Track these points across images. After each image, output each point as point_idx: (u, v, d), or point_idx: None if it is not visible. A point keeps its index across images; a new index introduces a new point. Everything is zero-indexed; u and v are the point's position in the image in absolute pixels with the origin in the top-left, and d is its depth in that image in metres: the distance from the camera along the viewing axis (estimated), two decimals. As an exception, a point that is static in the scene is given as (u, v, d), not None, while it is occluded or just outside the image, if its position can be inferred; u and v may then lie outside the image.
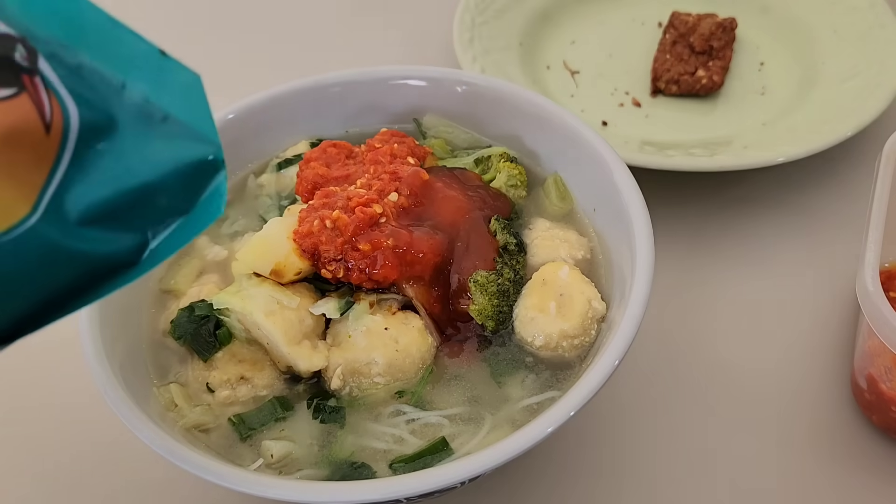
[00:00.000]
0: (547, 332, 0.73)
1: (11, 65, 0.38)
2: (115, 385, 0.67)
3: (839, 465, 0.83)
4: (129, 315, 0.77)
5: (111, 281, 0.43)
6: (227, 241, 0.86)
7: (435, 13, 1.41)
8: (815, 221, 1.07)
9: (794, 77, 1.23)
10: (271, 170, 0.91)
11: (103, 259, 0.42)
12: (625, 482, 0.83)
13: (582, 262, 0.80)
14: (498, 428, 0.70)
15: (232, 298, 0.71)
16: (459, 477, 0.60)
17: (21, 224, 0.37)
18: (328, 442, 0.70)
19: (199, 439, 0.70)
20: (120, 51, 0.44)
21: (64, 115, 0.40)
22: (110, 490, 0.84)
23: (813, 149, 1.03)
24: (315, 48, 1.39)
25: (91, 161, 0.41)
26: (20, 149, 0.37)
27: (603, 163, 0.80)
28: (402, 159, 0.82)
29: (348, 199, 0.74)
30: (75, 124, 0.40)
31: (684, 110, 1.21)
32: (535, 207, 0.87)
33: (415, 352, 0.72)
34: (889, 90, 1.10)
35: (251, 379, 0.72)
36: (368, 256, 0.71)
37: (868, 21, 1.23)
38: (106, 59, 0.43)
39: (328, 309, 0.73)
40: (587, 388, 0.63)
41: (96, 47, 0.43)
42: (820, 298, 0.97)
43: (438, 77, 0.92)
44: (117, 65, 0.44)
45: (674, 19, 1.28)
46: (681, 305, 0.98)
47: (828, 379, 0.90)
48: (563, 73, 1.28)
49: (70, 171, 0.40)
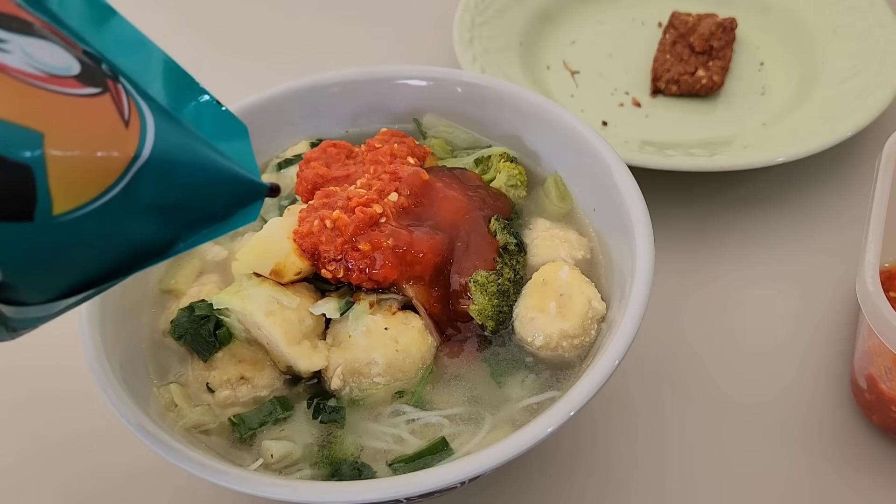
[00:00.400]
0: (547, 332, 0.73)
1: (99, 70, 0.46)
2: (115, 385, 0.67)
3: (839, 465, 0.83)
4: (129, 315, 0.77)
5: (137, 267, 0.48)
6: (227, 241, 0.86)
7: (435, 13, 1.41)
8: (815, 221, 1.07)
9: (794, 77, 1.23)
10: (271, 170, 0.91)
11: (145, 246, 0.48)
12: (625, 482, 0.83)
13: (582, 262, 0.80)
14: (498, 428, 0.70)
15: (232, 298, 0.71)
16: (459, 477, 0.60)
17: (103, 196, 0.42)
18: (328, 442, 0.70)
19: (199, 439, 0.70)
20: (180, 87, 0.53)
21: (141, 118, 0.46)
22: (110, 490, 0.84)
23: (813, 149, 1.03)
24: (315, 48, 1.39)
25: (163, 162, 0.46)
26: (104, 135, 0.43)
27: (603, 163, 0.80)
28: (402, 159, 0.82)
29: (348, 199, 0.74)
30: (152, 127, 0.46)
31: (684, 110, 1.21)
32: (535, 207, 0.87)
33: (415, 352, 0.72)
34: (889, 90, 1.10)
35: (251, 379, 0.72)
36: (368, 256, 0.71)
37: (868, 21, 1.23)
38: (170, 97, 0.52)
39: (328, 309, 0.73)
40: (587, 388, 0.63)
41: (162, 87, 0.52)
42: (820, 298, 0.97)
43: (438, 77, 0.92)
44: (178, 105, 0.52)
45: (674, 19, 1.28)
46: (681, 305, 0.98)
47: (828, 379, 0.90)
48: (563, 73, 1.28)
49: (146, 166, 0.45)
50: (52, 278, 0.43)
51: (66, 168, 0.40)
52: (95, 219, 0.42)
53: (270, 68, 1.35)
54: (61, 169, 0.40)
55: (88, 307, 0.70)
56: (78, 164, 0.41)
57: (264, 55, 1.39)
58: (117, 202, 0.43)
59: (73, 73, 0.43)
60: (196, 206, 0.50)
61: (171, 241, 0.49)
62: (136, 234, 0.46)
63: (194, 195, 0.49)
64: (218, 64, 1.37)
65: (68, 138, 0.40)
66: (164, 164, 0.46)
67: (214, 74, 1.35)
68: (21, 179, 0.38)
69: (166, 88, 0.51)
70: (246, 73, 1.33)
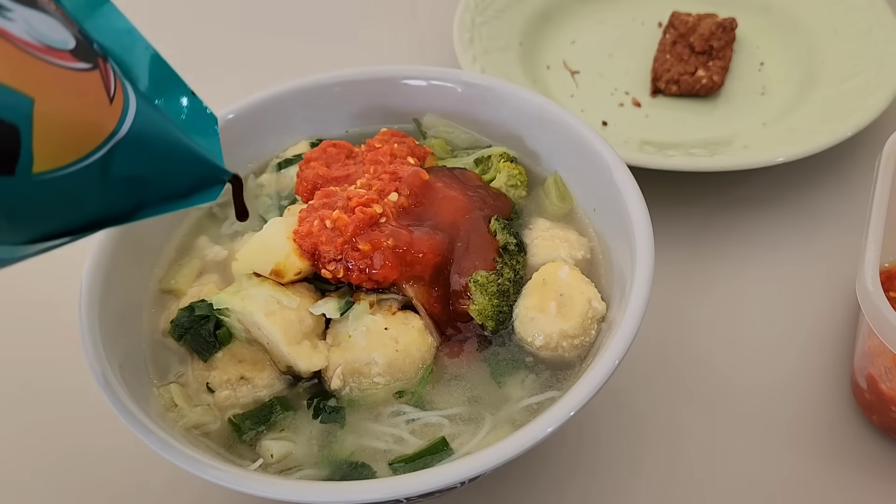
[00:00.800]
0: (547, 332, 0.73)
1: (91, 48, 0.50)
2: (115, 385, 0.67)
3: (839, 465, 0.83)
4: (129, 315, 0.77)
5: (101, 226, 0.53)
6: (227, 241, 0.86)
7: (435, 13, 1.41)
8: (815, 221, 1.07)
9: (794, 77, 1.23)
10: (271, 170, 0.91)
11: (111, 209, 0.52)
12: (625, 482, 0.83)
13: (582, 262, 0.80)
14: (498, 428, 0.70)
15: (232, 298, 0.71)
16: (459, 477, 0.60)
17: (79, 162, 0.46)
18: (328, 442, 0.70)
19: (199, 439, 0.70)
20: (161, 76, 0.58)
21: (125, 97, 0.50)
22: (110, 490, 0.84)
23: (813, 149, 1.03)
24: (315, 48, 1.39)
25: (139, 140, 0.50)
26: (89, 107, 0.47)
27: (603, 163, 0.80)
28: (402, 159, 0.82)
29: (348, 199, 0.74)
30: (133, 107, 0.50)
31: (684, 110, 1.21)
32: (535, 207, 0.87)
33: (415, 352, 0.72)
34: (889, 90, 1.10)
35: (251, 379, 0.72)
36: (368, 256, 0.71)
37: (868, 21, 1.23)
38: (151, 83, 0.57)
39: (328, 309, 0.73)
40: (587, 388, 0.63)
41: (145, 73, 0.58)
42: (820, 298, 0.97)
43: (438, 77, 0.92)
44: (157, 90, 0.57)
45: (674, 19, 1.28)
46: (681, 305, 0.98)
47: (828, 379, 0.90)
48: (563, 73, 1.28)
49: (124, 141, 0.49)
50: (22, 227, 0.47)
51: (50, 133, 0.44)
52: (70, 181, 0.46)
53: (271, 68, 1.35)
54: (45, 133, 0.43)
55: (88, 307, 0.70)
56: (61, 131, 0.45)
57: (264, 55, 1.39)
58: (93, 169, 0.48)
59: (68, 47, 0.47)
60: (163, 182, 0.54)
61: (136, 209, 0.54)
62: (105, 199, 0.50)
63: (163, 172, 0.53)
64: (218, 64, 1.37)
65: (56, 106, 0.44)
66: (139, 142, 0.50)
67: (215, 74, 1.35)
68: (7, 137, 0.41)
69: (149, 75, 0.57)
70: (246, 73, 1.33)
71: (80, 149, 0.47)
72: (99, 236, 0.76)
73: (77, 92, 0.46)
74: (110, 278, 0.75)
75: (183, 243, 0.86)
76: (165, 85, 0.58)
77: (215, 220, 0.88)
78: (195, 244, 0.86)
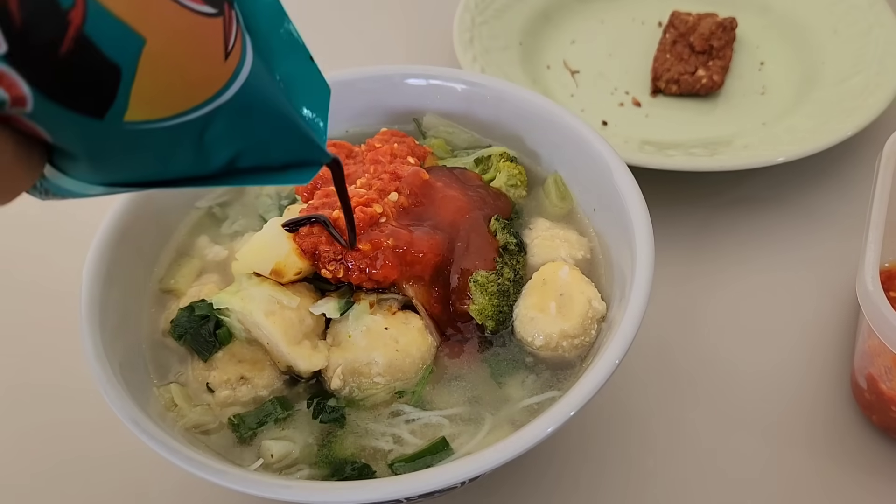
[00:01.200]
0: (547, 331, 0.73)
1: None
2: (115, 385, 0.66)
3: (839, 465, 0.83)
4: (129, 315, 0.77)
5: (181, 185, 0.48)
6: (227, 241, 0.86)
7: (435, 13, 1.41)
8: (815, 221, 1.07)
9: (794, 77, 1.23)
10: (271, 170, 0.91)
11: (196, 170, 0.47)
12: (625, 482, 0.83)
13: (582, 262, 0.80)
14: (498, 428, 0.70)
15: (232, 298, 0.71)
16: (459, 477, 0.60)
17: (175, 118, 0.42)
18: (328, 442, 0.70)
19: (199, 439, 0.70)
20: (280, 33, 0.51)
21: (242, 53, 0.45)
22: (110, 490, 0.84)
23: (813, 149, 1.03)
24: (315, 48, 1.38)
25: (244, 106, 0.46)
26: (201, 62, 0.42)
27: (603, 163, 0.80)
28: (402, 159, 0.82)
29: (348, 199, 0.74)
30: (248, 67, 0.45)
31: (684, 110, 1.21)
32: (535, 207, 0.87)
33: (415, 352, 0.72)
34: (889, 90, 1.10)
35: (251, 379, 0.72)
36: (368, 256, 0.71)
37: (868, 20, 1.23)
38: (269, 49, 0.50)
39: (328, 309, 0.73)
40: (587, 388, 0.63)
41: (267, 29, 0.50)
42: (820, 298, 0.97)
43: (438, 77, 0.92)
44: (276, 51, 0.51)
45: (674, 19, 1.28)
46: (681, 305, 0.98)
47: (828, 379, 0.90)
48: (563, 72, 1.28)
49: (228, 104, 0.44)
50: (102, 170, 0.43)
51: (154, 81, 0.40)
52: (161, 136, 0.42)
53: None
54: (148, 81, 0.39)
55: (88, 307, 0.70)
56: (166, 81, 0.40)
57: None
58: (188, 128, 0.43)
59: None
60: (259, 153, 0.49)
61: (223, 175, 0.49)
62: (194, 158, 0.46)
63: (261, 144, 0.49)
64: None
65: (168, 53, 0.40)
66: (244, 108, 0.46)
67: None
68: (107, 78, 0.37)
69: (269, 29, 0.50)
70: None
71: (181, 104, 0.42)
72: (99, 236, 0.76)
73: (195, 40, 0.41)
74: (110, 278, 0.75)
75: (183, 243, 0.86)
76: (283, 43, 0.51)
77: (215, 220, 0.88)
78: (195, 244, 0.86)
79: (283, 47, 0.51)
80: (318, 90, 0.53)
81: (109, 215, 0.78)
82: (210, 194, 0.89)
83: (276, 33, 0.51)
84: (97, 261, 0.75)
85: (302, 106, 0.52)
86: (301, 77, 0.52)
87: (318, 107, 0.53)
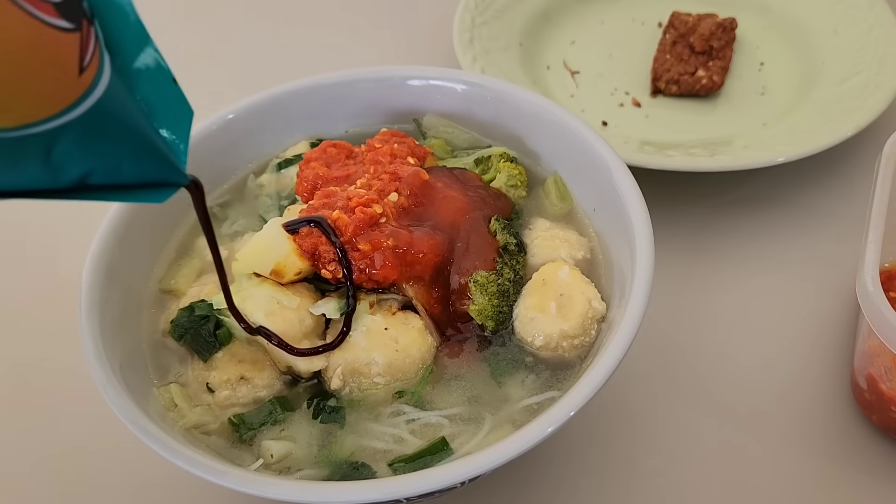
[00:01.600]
0: (547, 332, 0.73)
1: (80, 5, 0.44)
2: (115, 385, 0.67)
3: (838, 465, 0.83)
4: (129, 315, 0.77)
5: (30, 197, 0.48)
6: (227, 241, 0.86)
7: (435, 13, 1.41)
8: (815, 221, 1.07)
9: (794, 77, 1.23)
10: (271, 170, 0.91)
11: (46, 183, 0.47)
12: (625, 482, 0.83)
13: (582, 262, 0.80)
14: (498, 428, 0.70)
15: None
16: (459, 477, 0.60)
17: (19, 130, 0.42)
18: (328, 442, 0.70)
19: (199, 439, 0.70)
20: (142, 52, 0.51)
21: (98, 70, 0.45)
22: (110, 490, 0.84)
23: (813, 149, 1.03)
24: (315, 48, 1.39)
25: (97, 124, 0.45)
26: (52, 76, 0.42)
27: (603, 163, 0.80)
28: (402, 159, 0.82)
29: (348, 200, 0.74)
30: (104, 84, 0.45)
31: (684, 110, 1.21)
32: (535, 207, 0.87)
33: (415, 352, 0.72)
34: (889, 90, 1.10)
35: (251, 379, 0.72)
36: (368, 256, 0.71)
37: (868, 21, 1.23)
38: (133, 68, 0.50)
39: (328, 309, 0.73)
40: (587, 388, 0.63)
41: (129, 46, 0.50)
42: (820, 298, 0.97)
43: (438, 77, 0.92)
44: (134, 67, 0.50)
45: (674, 19, 1.28)
46: (681, 305, 0.98)
47: (828, 379, 0.90)
48: (563, 73, 1.28)
49: (78, 120, 0.44)
50: None
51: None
52: (6, 146, 0.42)
53: (270, 68, 1.35)
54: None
55: (88, 307, 0.70)
56: (10, 93, 0.40)
57: (264, 55, 1.39)
58: (35, 140, 0.43)
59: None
60: (112, 171, 0.49)
61: (76, 190, 0.49)
62: (41, 172, 0.45)
63: (115, 162, 0.48)
64: (218, 64, 1.37)
65: (14, 65, 0.40)
66: (97, 125, 0.45)
67: (215, 74, 1.35)
68: None
69: (130, 47, 0.50)
70: (246, 73, 1.33)
71: (28, 115, 0.41)
72: (99, 236, 0.76)
73: (47, 55, 0.41)
74: (110, 278, 0.75)
75: (183, 243, 0.86)
76: (145, 65, 0.51)
77: (215, 220, 0.88)
78: (195, 244, 0.86)
79: (145, 69, 0.51)
80: (181, 112, 0.53)
81: (109, 215, 0.78)
82: (210, 194, 0.89)
83: (139, 55, 0.50)
84: (97, 261, 0.75)
85: (162, 127, 0.52)
86: (163, 99, 0.52)
87: (178, 128, 0.53)
